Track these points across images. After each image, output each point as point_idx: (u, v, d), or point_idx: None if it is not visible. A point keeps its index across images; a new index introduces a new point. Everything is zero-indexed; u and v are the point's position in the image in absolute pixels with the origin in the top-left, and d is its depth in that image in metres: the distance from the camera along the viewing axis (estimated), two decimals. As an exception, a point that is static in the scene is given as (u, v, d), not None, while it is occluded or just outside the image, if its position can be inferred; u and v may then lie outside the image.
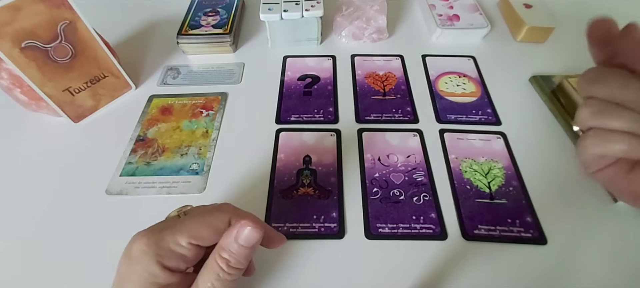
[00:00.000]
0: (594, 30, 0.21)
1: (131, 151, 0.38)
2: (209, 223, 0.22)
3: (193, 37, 0.47)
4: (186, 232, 0.21)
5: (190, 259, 0.22)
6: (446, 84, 0.45)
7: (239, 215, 0.23)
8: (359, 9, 0.50)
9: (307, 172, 0.36)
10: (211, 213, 0.23)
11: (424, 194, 0.34)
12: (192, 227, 0.22)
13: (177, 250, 0.21)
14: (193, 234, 0.21)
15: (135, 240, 0.21)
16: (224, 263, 0.21)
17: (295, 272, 0.30)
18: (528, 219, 0.32)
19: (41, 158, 0.37)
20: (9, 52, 0.33)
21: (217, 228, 0.22)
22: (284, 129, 0.40)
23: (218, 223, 0.22)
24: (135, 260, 0.20)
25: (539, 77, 0.44)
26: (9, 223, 0.33)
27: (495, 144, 0.38)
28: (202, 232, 0.22)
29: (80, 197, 0.34)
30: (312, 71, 0.47)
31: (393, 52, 0.49)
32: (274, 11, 0.45)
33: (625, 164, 0.21)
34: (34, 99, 0.37)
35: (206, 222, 0.22)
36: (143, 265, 0.20)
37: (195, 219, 0.22)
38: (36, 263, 0.30)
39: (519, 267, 0.30)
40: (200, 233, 0.22)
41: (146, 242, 0.21)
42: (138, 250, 0.21)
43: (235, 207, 0.24)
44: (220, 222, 0.22)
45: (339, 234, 0.32)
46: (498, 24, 0.54)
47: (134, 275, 0.20)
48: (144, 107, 0.42)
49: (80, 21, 0.37)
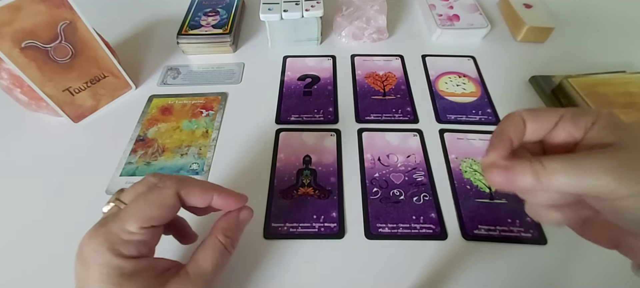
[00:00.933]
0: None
1: (131, 151, 0.38)
2: (156, 202, 0.22)
3: (193, 37, 0.47)
4: (134, 218, 0.21)
5: (149, 242, 0.21)
6: (446, 84, 0.45)
7: (186, 185, 0.23)
8: (359, 9, 0.50)
9: (307, 172, 0.36)
10: (155, 192, 0.22)
11: (424, 194, 0.34)
12: (139, 211, 0.21)
13: (130, 238, 0.21)
14: (142, 217, 0.21)
15: (84, 242, 0.21)
16: (229, 241, 0.24)
17: (295, 272, 0.30)
18: (528, 219, 0.32)
19: (41, 158, 0.37)
20: (9, 52, 0.33)
21: (167, 205, 0.22)
22: (284, 129, 0.40)
23: (166, 200, 0.22)
24: (90, 261, 0.20)
25: (539, 77, 0.44)
26: (9, 223, 0.33)
27: (495, 144, 0.38)
28: (152, 213, 0.21)
29: (80, 196, 0.34)
30: (312, 71, 0.47)
31: (393, 52, 0.49)
32: (274, 11, 0.45)
33: (575, 223, 0.21)
34: (34, 99, 0.37)
35: (153, 202, 0.21)
36: (99, 262, 0.20)
37: (139, 203, 0.21)
38: (36, 263, 0.30)
39: (519, 267, 0.30)
40: (150, 214, 0.21)
41: (94, 240, 0.20)
42: (89, 250, 0.20)
43: (175, 177, 0.23)
44: (167, 198, 0.22)
45: (339, 234, 0.32)
46: (498, 24, 0.54)
47: (94, 274, 0.20)
48: (144, 107, 0.42)
49: (80, 21, 0.37)
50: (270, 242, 0.31)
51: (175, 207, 0.22)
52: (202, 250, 0.24)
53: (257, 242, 0.31)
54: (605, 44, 0.51)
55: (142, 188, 0.23)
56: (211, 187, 0.24)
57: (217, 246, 0.24)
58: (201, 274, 0.23)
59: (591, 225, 0.21)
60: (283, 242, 0.31)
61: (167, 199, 0.22)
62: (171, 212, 0.22)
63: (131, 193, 0.22)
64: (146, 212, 0.21)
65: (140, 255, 0.21)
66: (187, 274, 0.22)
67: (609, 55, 0.48)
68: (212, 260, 0.23)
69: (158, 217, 0.22)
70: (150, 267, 0.21)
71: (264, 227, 0.32)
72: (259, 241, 0.31)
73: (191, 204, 0.24)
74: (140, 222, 0.21)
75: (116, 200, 0.22)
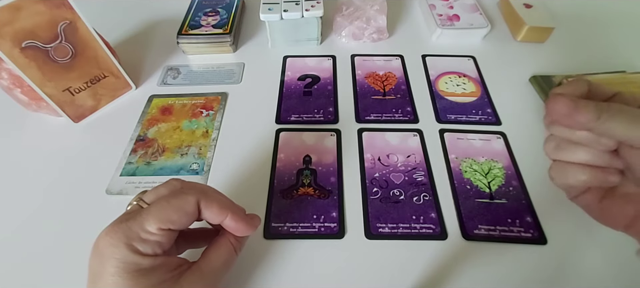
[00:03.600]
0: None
1: (131, 151, 0.38)
2: (177, 207, 0.22)
3: (193, 37, 0.47)
4: (154, 219, 0.21)
5: (164, 244, 0.22)
6: (446, 84, 0.45)
7: (207, 198, 0.23)
8: (359, 9, 0.50)
9: (307, 172, 0.36)
10: (177, 197, 0.23)
11: (424, 194, 0.34)
12: (160, 213, 0.22)
13: (148, 238, 0.21)
14: (162, 219, 0.21)
15: (101, 237, 0.21)
16: (237, 244, 0.25)
17: (296, 272, 0.30)
18: (528, 219, 0.32)
19: (41, 158, 0.37)
20: (9, 52, 0.33)
21: (186, 212, 0.22)
22: (284, 129, 0.40)
23: (187, 206, 0.22)
24: (107, 255, 0.20)
25: (539, 77, 0.44)
26: (9, 223, 0.33)
27: (495, 144, 0.38)
28: (172, 217, 0.22)
29: (81, 196, 0.34)
30: (312, 71, 0.47)
31: (393, 52, 0.49)
32: (274, 11, 0.45)
33: (596, 193, 0.23)
34: (34, 99, 0.37)
35: (174, 207, 0.22)
36: (116, 257, 0.20)
37: (161, 205, 0.22)
38: (36, 263, 0.30)
39: (519, 267, 0.30)
40: (170, 217, 0.22)
41: (113, 235, 0.21)
42: (106, 245, 0.20)
43: (199, 187, 0.24)
44: (188, 205, 0.22)
45: (339, 234, 0.32)
46: (498, 24, 0.54)
47: (110, 269, 0.20)
48: (144, 107, 0.42)
49: (80, 21, 0.37)
50: (270, 242, 0.31)
51: (194, 214, 0.23)
52: (214, 248, 0.25)
53: (257, 242, 0.31)
54: (605, 43, 0.51)
55: (164, 191, 0.24)
56: (228, 207, 0.24)
57: (229, 246, 0.25)
58: (213, 270, 0.24)
59: (611, 198, 0.22)
60: (283, 242, 0.31)
61: (188, 206, 0.22)
62: (189, 220, 0.23)
63: (153, 195, 0.23)
64: (167, 214, 0.22)
65: (155, 254, 0.21)
66: (199, 269, 0.23)
67: (609, 55, 0.48)
68: (223, 259, 0.24)
69: (177, 221, 0.22)
70: (165, 263, 0.22)
71: (264, 227, 0.32)
72: (259, 241, 0.31)
73: (206, 218, 0.24)
74: (159, 223, 0.21)
75: (139, 200, 0.23)
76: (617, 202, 0.22)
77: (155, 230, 0.21)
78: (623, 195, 0.22)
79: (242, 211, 0.25)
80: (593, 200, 0.23)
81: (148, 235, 0.21)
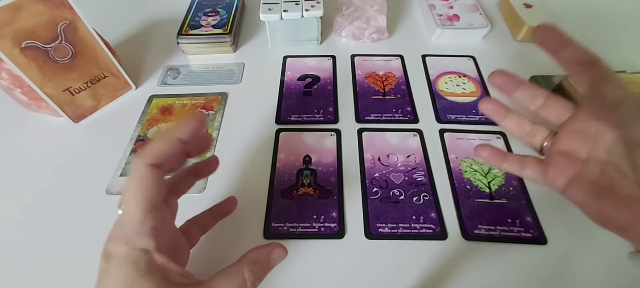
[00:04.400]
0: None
1: (131, 151, 0.38)
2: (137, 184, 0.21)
3: (193, 37, 0.47)
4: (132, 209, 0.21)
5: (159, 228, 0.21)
6: (446, 84, 0.45)
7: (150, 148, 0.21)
8: (359, 9, 0.50)
9: (307, 172, 0.36)
10: (131, 176, 0.21)
11: (424, 194, 0.34)
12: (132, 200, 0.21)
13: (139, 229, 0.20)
14: (137, 204, 0.21)
15: (107, 240, 0.21)
16: (252, 278, 0.22)
17: (296, 272, 0.30)
18: (528, 219, 0.32)
19: (41, 158, 0.37)
20: (9, 52, 0.33)
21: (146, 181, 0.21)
22: (284, 129, 0.40)
23: (142, 176, 0.21)
24: (112, 254, 0.21)
25: (539, 77, 0.44)
26: (9, 223, 0.33)
27: (496, 144, 0.38)
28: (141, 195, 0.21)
29: (80, 196, 0.34)
30: (312, 71, 0.47)
31: (393, 52, 0.49)
32: (274, 11, 0.45)
33: (585, 189, 0.22)
34: (34, 99, 0.37)
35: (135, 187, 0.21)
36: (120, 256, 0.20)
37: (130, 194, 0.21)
38: (36, 262, 0.30)
39: (519, 267, 0.30)
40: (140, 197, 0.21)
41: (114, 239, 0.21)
42: (112, 245, 0.21)
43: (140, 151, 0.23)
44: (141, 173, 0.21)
45: (339, 234, 0.32)
46: (498, 24, 0.54)
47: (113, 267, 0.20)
48: (144, 107, 0.42)
49: (80, 21, 0.37)
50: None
51: (155, 176, 0.21)
52: (223, 276, 0.22)
53: (257, 242, 0.31)
54: (605, 43, 0.50)
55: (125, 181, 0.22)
56: (172, 132, 0.22)
57: (239, 280, 0.22)
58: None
59: (610, 198, 0.21)
60: (283, 242, 0.31)
61: (143, 174, 0.21)
62: (157, 184, 0.21)
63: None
64: (135, 198, 0.21)
65: (159, 244, 0.21)
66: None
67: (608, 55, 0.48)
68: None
69: (146, 196, 0.21)
70: (163, 267, 0.21)
71: (264, 227, 0.32)
72: (259, 241, 0.31)
73: (167, 161, 0.22)
74: (137, 210, 0.21)
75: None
76: (616, 203, 0.21)
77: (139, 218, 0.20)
78: (622, 196, 0.21)
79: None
80: (585, 197, 0.22)
81: (138, 226, 0.20)
